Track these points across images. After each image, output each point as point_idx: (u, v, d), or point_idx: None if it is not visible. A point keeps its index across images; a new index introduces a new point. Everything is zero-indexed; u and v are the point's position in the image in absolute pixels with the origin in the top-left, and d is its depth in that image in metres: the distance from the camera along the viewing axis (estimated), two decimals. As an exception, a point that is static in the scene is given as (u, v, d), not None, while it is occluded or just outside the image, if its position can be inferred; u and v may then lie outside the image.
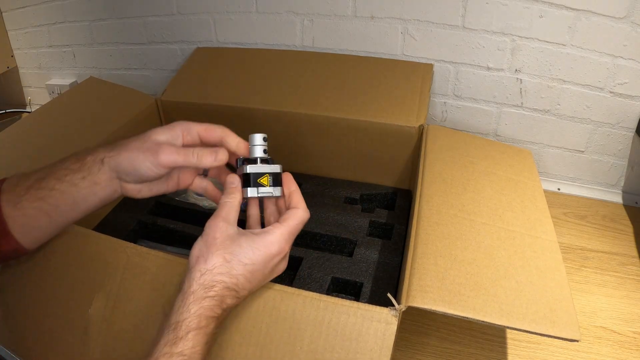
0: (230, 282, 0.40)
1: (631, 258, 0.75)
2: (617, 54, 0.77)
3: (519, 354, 0.61)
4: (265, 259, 0.42)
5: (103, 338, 0.47)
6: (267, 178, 0.48)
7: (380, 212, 0.73)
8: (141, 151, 0.45)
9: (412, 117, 0.73)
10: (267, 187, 0.47)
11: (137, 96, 0.83)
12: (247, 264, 0.41)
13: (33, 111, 0.80)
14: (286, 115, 0.77)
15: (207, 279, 0.39)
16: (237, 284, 0.41)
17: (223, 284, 0.40)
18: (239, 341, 0.44)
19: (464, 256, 0.50)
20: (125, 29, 1.07)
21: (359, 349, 0.42)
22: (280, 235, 0.43)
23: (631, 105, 0.81)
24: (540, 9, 0.77)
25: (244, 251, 0.41)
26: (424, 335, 0.63)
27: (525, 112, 0.87)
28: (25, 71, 1.27)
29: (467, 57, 0.85)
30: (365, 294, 0.59)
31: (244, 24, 0.96)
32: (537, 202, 0.61)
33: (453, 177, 0.62)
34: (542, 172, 0.93)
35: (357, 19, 0.88)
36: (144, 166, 0.44)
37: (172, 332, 0.37)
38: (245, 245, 0.41)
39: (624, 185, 0.90)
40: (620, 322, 0.65)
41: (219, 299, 0.39)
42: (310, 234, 0.69)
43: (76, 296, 0.50)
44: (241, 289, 0.41)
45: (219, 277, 0.40)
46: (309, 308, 0.44)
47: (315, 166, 0.82)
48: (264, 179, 0.47)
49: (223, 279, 0.40)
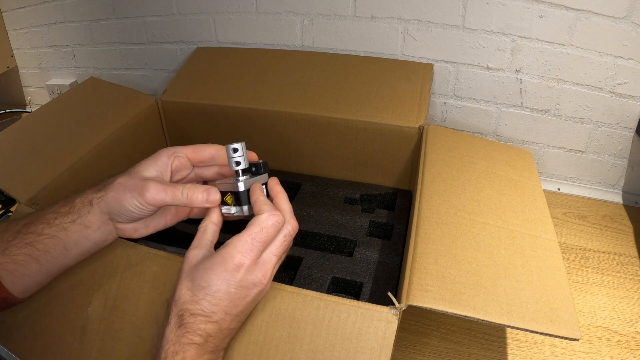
0: (194, 308, 0.40)
1: (631, 258, 0.75)
2: (617, 54, 0.77)
3: (519, 354, 0.60)
4: (223, 276, 0.40)
5: (101, 337, 0.47)
6: (229, 197, 0.45)
7: (380, 212, 0.73)
8: (127, 189, 0.43)
9: (412, 117, 0.73)
10: (230, 206, 0.45)
11: (137, 96, 0.83)
12: (204, 287, 0.40)
13: (33, 111, 0.80)
14: (286, 115, 0.77)
15: (178, 310, 0.40)
16: (203, 309, 0.39)
17: (188, 312, 0.40)
18: (238, 340, 0.44)
19: (464, 255, 0.50)
20: (125, 29, 1.07)
21: (359, 348, 0.42)
22: (233, 247, 0.40)
23: (631, 105, 0.81)
24: (540, 9, 0.77)
25: (199, 275, 0.40)
26: (424, 335, 0.63)
27: (525, 112, 0.87)
28: (25, 71, 1.27)
29: (467, 57, 0.85)
30: (365, 294, 0.59)
31: (244, 24, 0.96)
32: (537, 202, 0.61)
33: (453, 177, 0.62)
34: (542, 172, 0.93)
35: (357, 19, 0.88)
36: (132, 205, 0.43)
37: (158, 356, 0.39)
38: (201, 269, 0.41)
39: (624, 185, 0.90)
40: (620, 322, 0.65)
41: (190, 325, 0.39)
42: (310, 234, 0.69)
43: (75, 295, 0.50)
44: (211, 313, 0.39)
45: (184, 306, 0.40)
46: (309, 307, 0.44)
47: (315, 166, 0.82)
48: (227, 198, 0.45)
49: (187, 307, 0.40)
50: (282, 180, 0.81)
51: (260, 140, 0.82)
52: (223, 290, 0.40)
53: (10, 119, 1.24)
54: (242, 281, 0.40)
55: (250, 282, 0.41)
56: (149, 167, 0.45)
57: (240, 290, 0.40)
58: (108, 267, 0.50)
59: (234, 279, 0.40)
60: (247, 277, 0.40)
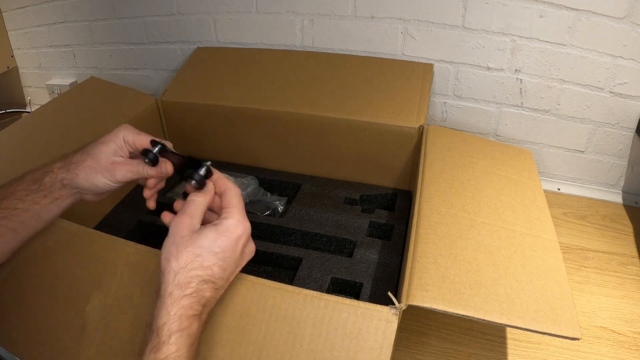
0: (205, 274, 0.40)
1: (631, 258, 0.75)
2: (617, 54, 0.77)
3: (519, 354, 0.60)
4: (233, 243, 0.43)
5: (100, 336, 0.47)
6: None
7: (380, 212, 0.73)
8: (98, 171, 0.49)
9: (412, 118, 0.73)
10: None
11: (137, 96, 0.83)
12: (217, 252, 0.42)
13: (33, 111, 0.80)
14: (286, 115, 0.77)
15: (182, 278, 0.40)
16: (213, 275, 0.41)
17: (199, 279, 0.40)
18: (238, 340, 0.44)
19: (464, 255, 0.50)
20: (125, 29, 1.07)
21: (359, 348, 0.42)
22: (238, 215, 0.44)
23: (631, 105, 0.81)
24: (540, 9, 0.77)
25: (211, 241, 0.42)
26: (424, 335, 0.63)
27: (525, 112, 0.87)
28: (25, 71, 1.27)
29: (467, 57, 0.85)
30: (365, 294, 0.59)
31: (244, 24, 0.96)
32: (537, 201, 0.61)
33: (453, 177, 0.62)
34: (542, 172, 0.93)
35: (357, 19, 0.88)
36: (103, 184, 0.49)
37: (155, 338, 0.37)
38: (211, 236, 0.42)
39: (624, 185, 0.90)
40: (620, 322, 0.65)
41: (197, 294, 0.40)
42: (310, 234, 0.69)
43: (74, 295, 0.50)
44: (218, 279, 0.41)
45: (193, 272, 0.40)
46: (309, 307, 0.44)
47: (315, 166, 0.82)
48: None
49: (198, 273, 0.40)
50: (282, 180, 0.81)
51: (260, 140, 0.82)
52: (231, 257, 0.43)
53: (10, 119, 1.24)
54: (243, 248, 0.44)
55: (247, 250, 0.45)
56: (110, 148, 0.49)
57: (240, 258, 0.44)
58: (107, 266, 0.50)
59: (239, 246, 0.43)
60: (246, 245, 0.45)
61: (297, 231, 0.70)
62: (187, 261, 0.40)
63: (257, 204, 0.76)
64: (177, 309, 0.38)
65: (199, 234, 0.42)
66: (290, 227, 0.70)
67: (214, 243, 0.42)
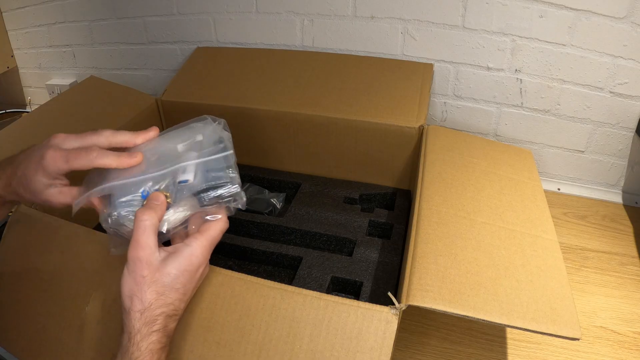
0: (169, 310, 0.41)
1: (631, 258, 0.75)
2: (617, 54, 0.77)
3: (519, 354, 0.60)
4: (192, 275, 0.43)
5: (99, 337, 0.47)
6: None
7: (380, 212, 0.73)
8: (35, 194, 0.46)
9: (412, 118, 0.73)
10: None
11: (137, 96, 0.83)
12: (179, 289, 0.42)
13: (32, 110, 0.80)
14: (286, 115, 0.77)
15: (148, 317, 0.40)
16: (176, 308, 0.42)
17: (164, 315, 0.40)
18: (237, 340, 0.44)
19: (464, 255, 0.50)
20: (125, 29, 1.07)
21: (359, 348, 0.42)
22: (202, 247, 0.43)
23: (631, 105, 0.81)
24: (540, 9, 0.77)
25: (173, 279, 0.41)
26: (424, 335, 0.63)
27: (525, 112, 0.87)
28: (25, 71, 1.27)
29: (467, 57, 0.85)
30: (365, 294, 0.59)
31: (244, 24, 0.96)
32: (537, 201, 0.61)
33: (453, 177, 0.62)
34: (542, 172, 0.93)
35: (357, 19, 0.88)
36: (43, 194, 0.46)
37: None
38: (173, 272, 0.41)
39: (624, 185, 0.90)
40: (620, 322, 0.65)
41: (164, 329, 0.40)
42: (310, 233, 0.69)
43: (73, 295, 0.50)
44: (179, 309, 0.42)
45: (158, 310, 0.40)
46: (309, 307, 0.44)
47: (315, 166, 0.82)
48: None
49: (163, 310, 0.40)
50: (282, 180, 0.81)
51: (261, 140, 0.82)
52: (189, 286, 0.43)
53: (10, 119, 1.24)
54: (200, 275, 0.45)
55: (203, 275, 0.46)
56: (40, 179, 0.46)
57: (197, 283, 0.44)
58: (106, 266, 0.50)
59: (197, 274, 0.44)
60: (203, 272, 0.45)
61: (297, 230, 0.70)
62: (151, 300, 0.40)
63: (255, 202, 0.76)
64: (147, 344, 0.39)
65: (161, 271, 0.41)
66: (290, 226, 0.70)
67: (176, 280, 0.41)
